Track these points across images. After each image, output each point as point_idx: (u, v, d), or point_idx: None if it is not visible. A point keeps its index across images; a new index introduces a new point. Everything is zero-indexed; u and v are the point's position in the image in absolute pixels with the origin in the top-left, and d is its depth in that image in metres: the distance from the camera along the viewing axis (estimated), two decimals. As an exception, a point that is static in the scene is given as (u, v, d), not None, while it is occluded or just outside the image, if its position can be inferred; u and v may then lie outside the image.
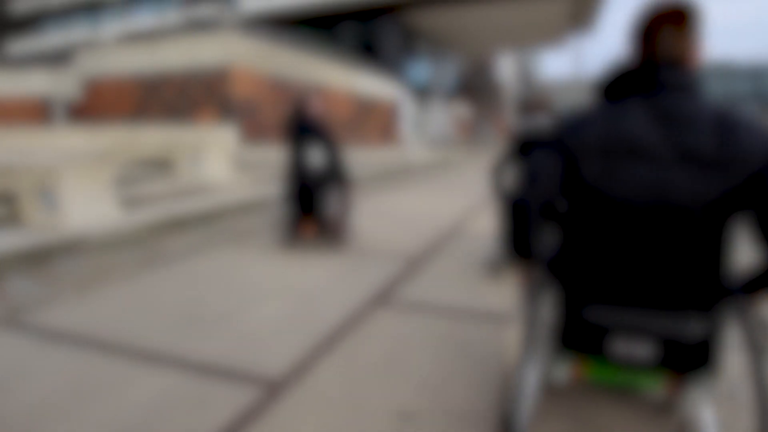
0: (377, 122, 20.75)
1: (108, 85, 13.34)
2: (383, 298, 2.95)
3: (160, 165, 6.73)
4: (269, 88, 13.20)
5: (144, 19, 25.25)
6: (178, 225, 4.62)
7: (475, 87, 38.55)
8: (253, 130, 12.52)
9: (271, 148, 12.77)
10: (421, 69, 27.51)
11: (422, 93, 27.13)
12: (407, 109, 24.35)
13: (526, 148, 3.18)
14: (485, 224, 5.25)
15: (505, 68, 49.23)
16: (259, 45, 12.87)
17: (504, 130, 52.07)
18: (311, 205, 3.88)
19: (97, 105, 13.68)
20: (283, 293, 3.02)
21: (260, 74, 12.83)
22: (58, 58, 16.18)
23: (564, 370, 1.37)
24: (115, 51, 13.22)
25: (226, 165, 6.75)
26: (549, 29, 28.46)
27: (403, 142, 23.52)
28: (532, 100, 3.44)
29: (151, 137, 8.15)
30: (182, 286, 3.16)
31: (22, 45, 28.33)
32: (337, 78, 17.03)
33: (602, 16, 29.81)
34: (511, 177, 3.23)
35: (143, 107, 12.87)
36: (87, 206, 3.89)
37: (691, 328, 1.15)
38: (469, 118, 38.07)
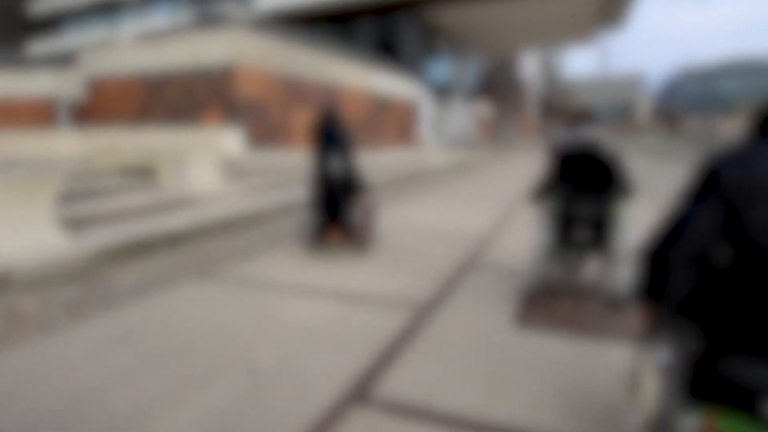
0: (394, 122, 19.78)
1: (112, 86, 12.78)
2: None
3: (145, 174, 5.93)
4: (279, 88, 12.40)
5: (159, 19, 24.95)
6: (139, 250, 3.76)
7: (497, 86, 37.15)
8: (260, 132, 11.72)
9: (280, 152, 11.95)
10: (442, 67, 26.41)
11: (442, 92, 26.02)
12: (426, 108, 23.29)
13: (569, 164, 2.87)
14: (516, 242, 4.48)
15: (529, 66, 47.58)
16: (268, 42, 12.07)
17: (528, 130, 50.37)
18: (337, 211, 3.90)
19: (102, 106, 13.14)
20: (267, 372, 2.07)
21: (269, 73, 12.03)
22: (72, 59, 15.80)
23: (694, 422, 1.17)
24: (119, 50, 12.64)
25: (216, 173, 5.89)
26: (577, 25, 26.96)
27: (421, 144, 22.47)
28: (578, 111, 3.12)
29: (132, 143, 7.41)
30: (102, 352, 2.25)
31: (42, 46, 28.46)
32: (352, 76, 16.14)
33: (632, 10, 28.32)
34: (555, 201, 2.92)
35: (147, 108, 12.24)
36: (12, 234, 3.06)
37: None
38: (491, 118, 36.70)
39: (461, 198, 7.61)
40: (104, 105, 13.11)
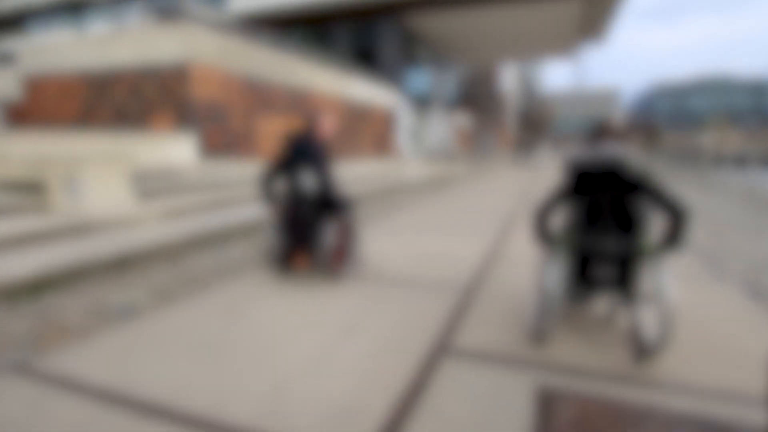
0: (371, 132, 18.78)
1: (52, 85, 11.35)
2: None
3: (37, 190, 4.63)
4: (242, 91, 11.22)
5: (131, 19, 23.45)
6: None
7: (477, 98, 36.76)
8: (217, 139, 10.49)
9: (241, 163, 10.73)
10: (422, 77, 25.67)
11: (422, 102, 25.25)
12: (405, 118, 22.41)
13: (585, 181, 2.45)
14: (514, 275, 3.82)
15: (508, 79, 47.60)
16: (229, 41, 10.91)
17: (508, 143, 50.31)
18: (305, 235, 3.52)
19: (40, 107, 11.67)
20: None
21: (230, 75, 10.85)
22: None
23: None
24: (60, 47, 11.24)
25: (126, 190, 4.64)
26: (558, 38, 26.74)
27: (399, 154, 21.53)
28: (605, 126, 2.67)
29: (60, 150, 6.14)
30: None
31: (6, 45, 26.45)
32: (326, 82, 15.08)
33: (612, 25, 28.30)
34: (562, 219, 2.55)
35: (91, 110, 10.87)
36: None
37: None
38: (471, 130, 36.20)
39: (445, 217, 6.58)
40: (43, 106, 11.65)
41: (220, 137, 10.56)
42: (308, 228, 3.46)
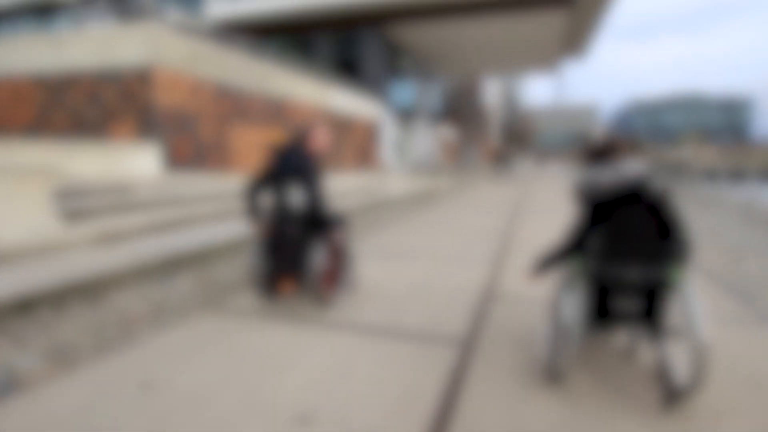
0: (354, 144, 18.13)
1: (2, 89, 10.35)
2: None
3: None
4: (213, 99, 10.44)
5: (101, 23, 22.42)
6: None
7: (461, 110, 36.65)
8: (185, 150, 9.65)
9: (213, 177, 9.89)
10: (406, 89, 25.27)
11: (406, 114, 24.80)
12: (389, 130, 21.86)
13: (605, 207, 2.06)
14: (514, 308, 3.28)
15: (491, 93, 47.86)
16: (198, 44, 10.16)
17: (490, 155, 50.47)
18: (292, 257, 3.13)
19: (-11, 113, 10.63)
20: None
21: (200, 80, 10.08)
22: None
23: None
24: (12, 47, 10.28)
25: (45, 211, 3.79)
26: (540, 53, 26.77)
27: (383, 167, 20.91)
28: (614, 141, 2.18)
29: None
30: None
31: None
32: (306, 91, 14.40)
33: (594, 41, 28.55)
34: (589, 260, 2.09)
35: (46, 116, 9.91)
36: None
37: None
38: (456, 143, 35.97)
39: (434, 238, 5.90)
40: (-8, 112, 10.62)
41: (188, 148, 9.72)
42: (295, 248, 3.14)
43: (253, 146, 11.88)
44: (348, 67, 21.53)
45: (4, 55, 10.24)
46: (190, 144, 9.77)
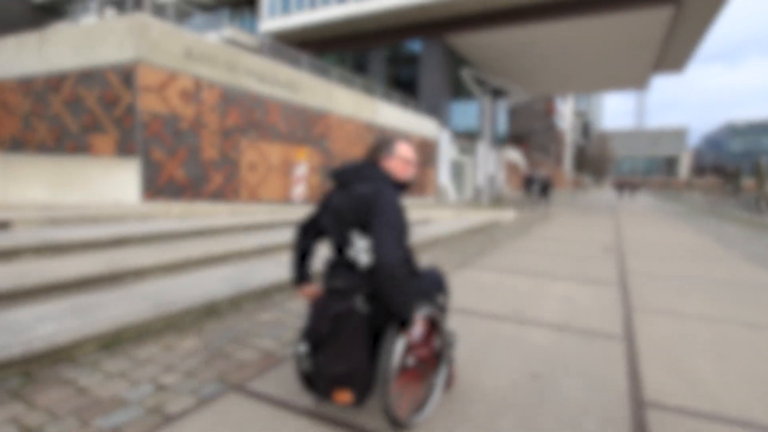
0: (404, 168, 15.44)
1: (-8, 97, 8.92)
2: None
3: None
4: (218, 106, 8.27)
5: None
6: None
7: (531, 133, 32.91)
8: (169, 175, 7.44)
9: (214, 209, 7.54)
10: (469, 108, 22.35)
11: (469, 136, 21.82)
12: (446, 152, 18.97)
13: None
14: None
15: (565, 113, 43.49)
16: (197, 38, 8.07)
17: (562, 183, 45.53)
18: (347, 357, 1.64)
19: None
20: None
21: (202, 83, 7.95)
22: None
23: None
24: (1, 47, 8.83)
25: None
26: (633, 65, 22.59)
27: (438, 194, 17.96)
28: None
29: None
30: None
31: None
32: (348, 102, 12.03)
33: (692, 56, 23.83)
34: None
35: (29, 127, 8.24)
36: None
37: None
38: (524, 168, 32.16)
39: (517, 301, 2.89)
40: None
41: (181, 171, 7.49)
42: (355, 338, 1.62)
43: (275, 167, 9.55)
44: (403, 83, 19.14)
45: (-6, 58, 8.78)
46: (180, 165, 7.56)
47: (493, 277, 4.43)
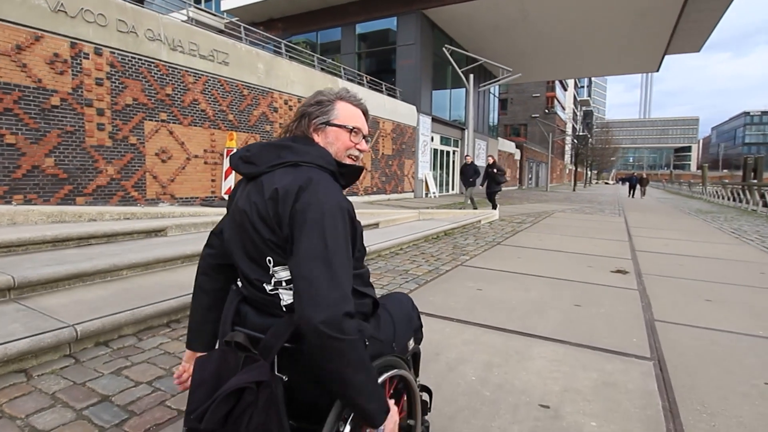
0: (369, 157, 13.74)
1: None
2: None
3: None
4: (104, 77, 6.56)
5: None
6: None
7: (526, 121, 31.05)
8: (27, 166, 5.75)
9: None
10: (457, 95, 20.54)
11: (457, 127, 20.05)
12: (425, 141, 17.19)
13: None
14: None
15: (567, 103, 41.50)
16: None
17: (561, 176, 43.64)
18: None
19: None
20: None
21: (78, 46, 6.25)
22: None
23: None
24: None
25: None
26: (649, 42, 20.32)
27: (418, 190, 16.23)
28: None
29: None
30: None
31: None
32: (294, 79, 10.30)
33: (709, 36, 21.68)
34: None
35: None
36: None
37: None
38: (518, 160, 30.33)
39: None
40: None
41: (48, 158, 5.79)
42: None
43: (197, 156, 7.87)
44: (380, 65, 17.36)
45: None
46: (52, 151, 5.87)
47: (434, 336, 2.60)
